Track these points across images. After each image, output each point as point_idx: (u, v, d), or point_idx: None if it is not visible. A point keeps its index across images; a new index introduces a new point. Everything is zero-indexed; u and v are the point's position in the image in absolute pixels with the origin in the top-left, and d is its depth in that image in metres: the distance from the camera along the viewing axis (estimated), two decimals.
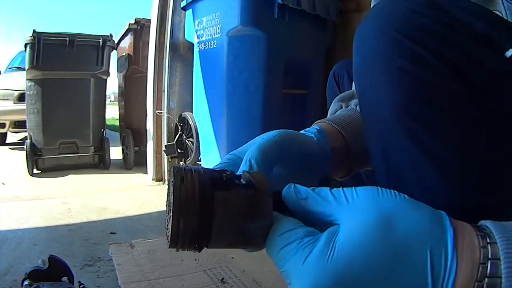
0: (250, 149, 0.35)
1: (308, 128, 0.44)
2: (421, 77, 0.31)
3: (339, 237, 0.25)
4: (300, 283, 0.25)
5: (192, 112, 2.31)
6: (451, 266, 0.24)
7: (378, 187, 0.27)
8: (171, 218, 0.28)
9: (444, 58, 0.30)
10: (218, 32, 1.86)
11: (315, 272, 0.25)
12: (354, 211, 0.26)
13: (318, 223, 0.28)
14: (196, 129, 2.27)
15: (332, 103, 0.51)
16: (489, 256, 0.24)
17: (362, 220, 0.25)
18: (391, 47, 0.32)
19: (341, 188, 0.28)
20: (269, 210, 0.29)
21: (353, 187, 0.28)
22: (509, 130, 0.30)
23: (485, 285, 0.23)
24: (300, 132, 0.42)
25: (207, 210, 0.28)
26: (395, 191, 0.27)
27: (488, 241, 0.25)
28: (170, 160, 2.73)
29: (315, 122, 0.46)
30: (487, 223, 0.26)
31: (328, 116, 0.51)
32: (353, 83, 0.50)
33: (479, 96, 0.30)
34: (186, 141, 2.48)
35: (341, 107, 0.50)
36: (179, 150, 2.58)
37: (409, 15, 0.32)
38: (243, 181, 0.30)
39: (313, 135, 0.42)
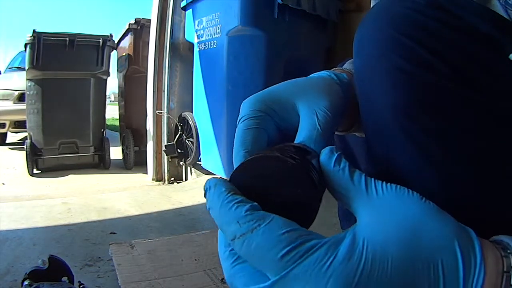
0: (316, 97, 0.34)
1: (326, 71, 0.41)
2: (421, 78, 0.30)
3: (359, 241, 0.24)
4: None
5: (192, 112, 2.31)
6: (480, 272, 0.24)
7: (409, 189, 0.26)
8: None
9: (445, 58, 0.30)
10: (218, 32, 1.86)
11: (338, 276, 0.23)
12: (380, 209, 0.26)
13: (336, 197, 0.28)
14: (196, 129, 2.28)
15: (347, 63, 0.50)
16: None
17: (386, 224, 0.25)
18: (391, 48, 0.31)
19: (372, 178, 0.27)
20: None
21: (383, 182, 0.27)
22: (510, 133, 0.30)
23: None
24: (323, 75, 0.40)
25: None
26: (422, 196, 0.26)
27: (509, 251, 0.25)
28: (170, 160, 2.73)
29: (333, 69, 0.44)
30: (502, 237, 0.26)
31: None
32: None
33: (480, 98, 0.30)
34: (186, 141, 2.48)
35: None
36: (179, 150, 2.58)
37: (409, 15, 0.31)
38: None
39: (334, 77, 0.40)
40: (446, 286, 0.23)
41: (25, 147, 3.24)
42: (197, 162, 2.42)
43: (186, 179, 2.76)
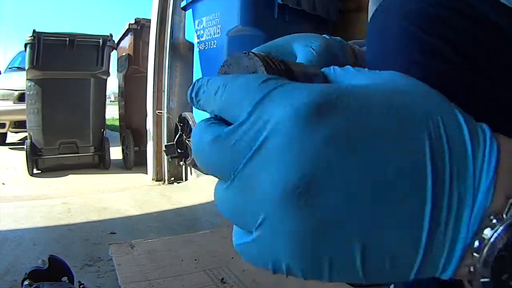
0: (313, 38, 0.36)
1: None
2: (434, 67, 0.30)
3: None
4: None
5: (192, 112, 2.31)
6: (492, 148, 0.19)
7: None
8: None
9: (457, 47, 0.30)
10: (218, 32, 1.86)
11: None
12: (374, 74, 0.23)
13: None
14: None
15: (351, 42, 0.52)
16: None
17: (375, 77, 0.23)
18: (405, 40, 0.31)
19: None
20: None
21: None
22: None
23: None
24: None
25: None
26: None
27: None
28: (170, 160, 2.73)
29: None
30: None
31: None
32: None
33: (491, 87, 0.30)
34: (186, 141, 2.48)
35: None
36: (179, 150, 2.58)
37: (423, 5, 0.31)
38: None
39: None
40: (450, 142, 0.19)
41: (25, 147, 3.24)
42: None
43: (186, 179, 2.76)
